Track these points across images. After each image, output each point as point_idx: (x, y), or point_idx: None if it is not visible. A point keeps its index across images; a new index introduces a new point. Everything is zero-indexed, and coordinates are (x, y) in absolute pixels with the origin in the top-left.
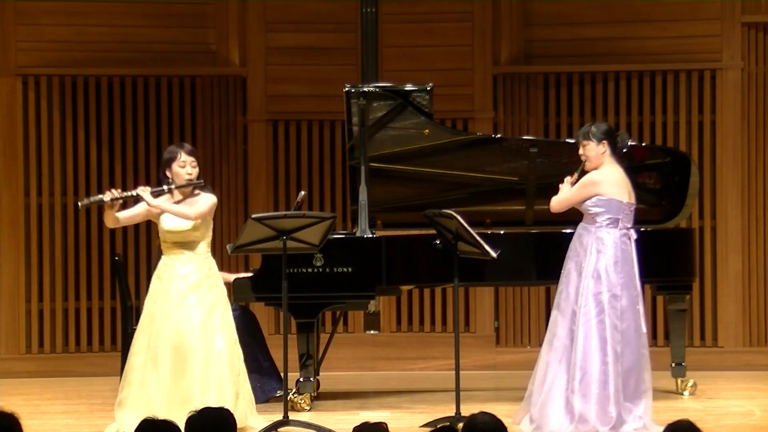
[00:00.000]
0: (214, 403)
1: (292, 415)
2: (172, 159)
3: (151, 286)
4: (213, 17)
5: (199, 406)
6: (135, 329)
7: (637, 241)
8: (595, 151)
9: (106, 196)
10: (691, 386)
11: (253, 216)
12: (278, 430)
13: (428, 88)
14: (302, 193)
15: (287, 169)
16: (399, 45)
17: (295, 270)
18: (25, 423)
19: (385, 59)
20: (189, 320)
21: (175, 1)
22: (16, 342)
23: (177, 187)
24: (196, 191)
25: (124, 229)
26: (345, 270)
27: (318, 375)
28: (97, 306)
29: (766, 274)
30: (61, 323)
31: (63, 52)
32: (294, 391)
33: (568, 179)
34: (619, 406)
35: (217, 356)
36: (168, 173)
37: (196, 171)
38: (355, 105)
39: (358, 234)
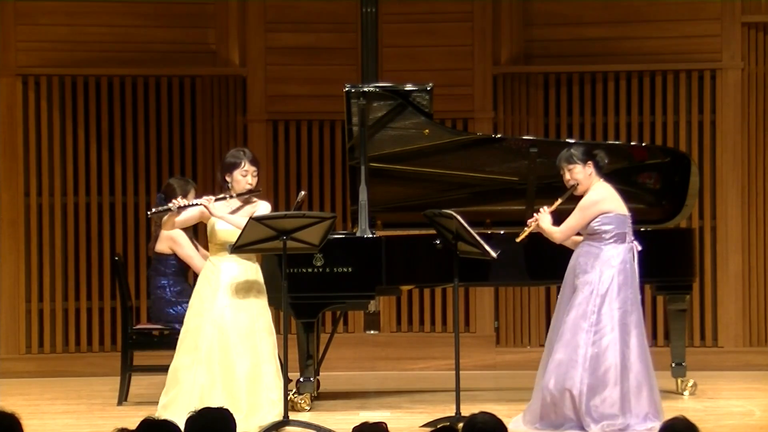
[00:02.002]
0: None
1: (292, 415)
2: (236, 165)
3: (198, 286)
4: (213, 17)
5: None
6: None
7: (640, 252)
8: (583, 173)
9: (174, 206)
10: (691, 386)
11: (253, 216)
12: (278, 430)
13: (428, 88)
14: (302, 193)
15: (287, 169)
16: (399, 45)
17: (295, 270)
18: (25, 423)
19: (385, 59)
20: (236, 323)
21: (175, 1)
22: (16, 342)
23: (238, 196)
24: (254, 198)
25: (124, 229)
26: (345, 270)
27: (318, 375)
28: (97, 306)
29: (766, 274)
30: (61, 323)
31: (63, 52)
32: (294, 391)
33: (545, 209)
34: (625, 416)
35: (263, 360)
36: (228, 178)
37: (256, 180)
38: (355, 105)
39: (358, 234)
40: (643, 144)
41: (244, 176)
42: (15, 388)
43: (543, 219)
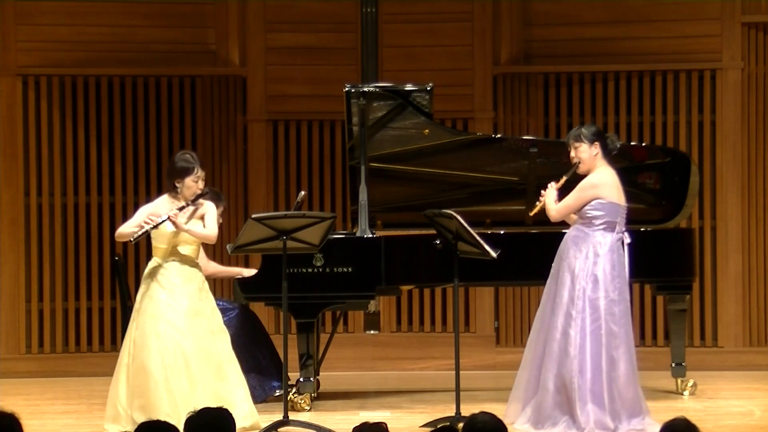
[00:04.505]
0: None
1: (292, 415)
2: (188, 171)
3: (149, 290)
4: (213, 17)
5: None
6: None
7: (630, 245)
8: (588, 153)
9: (149, 227)
10: (691, 386)
11: (253, 216)
12: (278, 430)
13: (428, 88)
14: (302, 193)
15: (287, 169)
16: (399, 45)
17: (295, 270)
18: (25, 423)
19: (385, 59)
20: (195, 328)
21: (175, 1)
22: (16, 342)
23: (193, 202)
24: (200, 200)
25: None
26: (345, 270)
27: (318, 375)
28: (97, 306)
29: (766, 274)
30: (61, 323)
31: (63, 52)
32: (294, 391)
33: (552, 185)
34: (615, 410)
35: (225, 360)
36: (178, 183)
37: (203, 183)
38: (355, 105)
39: (358, 234)
40: (643, 144)
41: (196, 182)
42: (15, 388)
43: (549, 194)
